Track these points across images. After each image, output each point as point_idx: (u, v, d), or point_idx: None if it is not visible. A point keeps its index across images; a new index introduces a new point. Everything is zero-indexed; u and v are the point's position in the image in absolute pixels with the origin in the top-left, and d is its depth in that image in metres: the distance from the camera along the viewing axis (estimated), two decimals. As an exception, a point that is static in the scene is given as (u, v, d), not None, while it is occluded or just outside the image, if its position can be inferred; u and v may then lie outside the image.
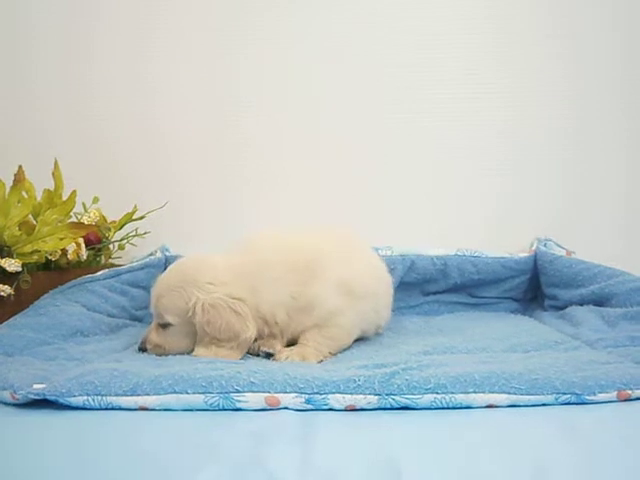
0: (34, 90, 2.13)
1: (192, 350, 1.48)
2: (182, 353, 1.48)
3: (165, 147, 2.12)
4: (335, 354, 1.51)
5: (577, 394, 1.13)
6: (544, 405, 1.14)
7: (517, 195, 2.11)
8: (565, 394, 1.13)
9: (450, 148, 2.10)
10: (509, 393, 1.14)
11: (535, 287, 2.04)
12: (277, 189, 2.10)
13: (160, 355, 1.47)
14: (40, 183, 1.77)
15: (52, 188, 1.78)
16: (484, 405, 1.14)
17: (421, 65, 2.09)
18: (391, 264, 1.95)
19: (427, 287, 2.04)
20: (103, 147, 2.12)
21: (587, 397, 1.13)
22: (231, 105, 2.12)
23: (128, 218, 1.94)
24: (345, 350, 1.51)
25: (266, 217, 2.00)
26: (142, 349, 1.51)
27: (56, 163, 1.79)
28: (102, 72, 2.13)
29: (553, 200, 2.11)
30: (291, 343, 1.53)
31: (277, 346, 1.50)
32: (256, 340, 1.49)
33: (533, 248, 2.02)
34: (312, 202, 2.11)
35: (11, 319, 1.57)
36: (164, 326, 1.50)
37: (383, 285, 1.70)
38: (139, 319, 1.84)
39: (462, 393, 1.14)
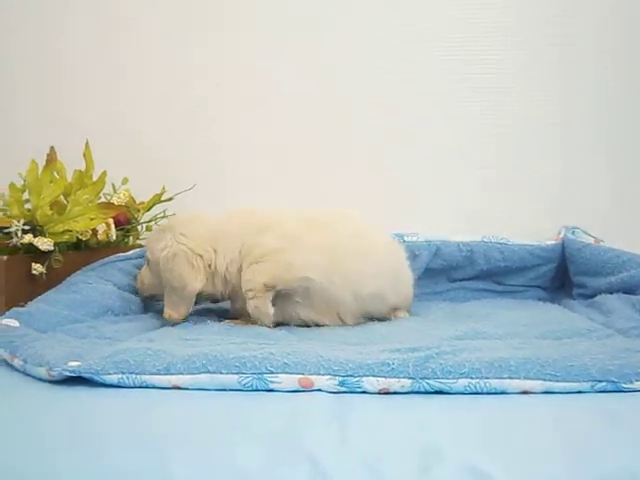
0: (66, 71, 2.14)
1: (161, 295, 1.62)
2: (155, 296, 1.69)
3: (195, 129, 2.13)
4: (276, 288, 1.56)
5: (614, 382, 1.12)
6: (579, 392, 1.13)
7: (545, 181, 2.10)
8: (601, 382, 1.12)
9: (477, 133, 2.10)
10: (544, 380, 1.13)
11: (562, 275, 2.02)
12: (310, 176, 2.10)
13: (144, 296, 1.71)
14: (71, 164, 1.77)
15: (83, 169, 1.78)
16: (518, 391, 1.13)
17: (452, 47, 2.08)
18: (416, 250, 1.97)
19: (453, 274, 2.03)
20: (133, 129, 2.13)
21: (624, 385, 1.12)
22: (267, 93, 2.12)
23: (157, 199, 1.95)
24: (375, 333, 1.50)
25: (295, 201, 1.99)
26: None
27: (87, 144, 1.79)
28: (133, 55, 2.13)
29: (581, 187, 2.10)
30: None
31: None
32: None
33: (560, 236, 2.01)
34: (337, 188, 2.11)
35: (44, 294, 1.58)
36: (148, 261, 1.67)
37: (374, 263, 1.66)
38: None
39: (497, 378, 1.13)
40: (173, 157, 2.12)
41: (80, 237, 1.73)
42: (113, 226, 1.82)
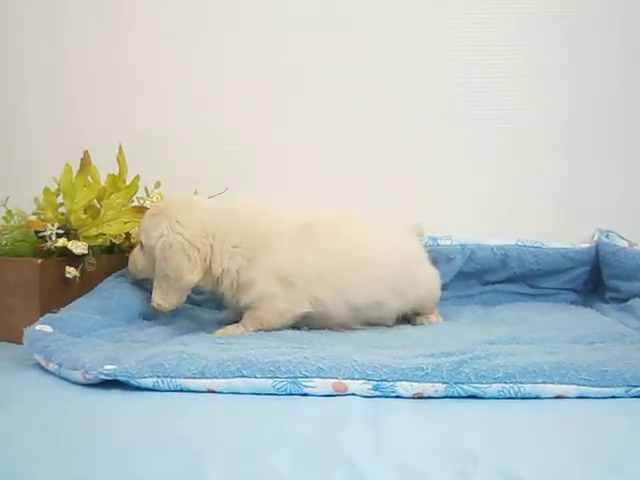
0: (99, 77, 2.15)
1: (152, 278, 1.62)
2: (146, 278, 1.66)
3: (225, 133, 2.13)
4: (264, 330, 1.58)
5: (648, 387, 1.12)
6: (613, 397, 1.13)
7: (578, 185, 2.09)
8: (636, 387, 1.12)
9: (510, 136, 2.08)
10: (579, 384, 1.13)
11: (595, 279, 2.01)
12: (340, 181, 2.10)
13: (136, 279, 1.69)
14: (104, 167, 1.79)
15: (116, 172, 1.80)
16: (552, 396, 1.14)
17: (478, 44, 2.07)
18: (450, 254, 1.96)
19: (485, 277, 2.02)
20: (166, 132, 2.14)
21: (659, 390, 1.12)
22: (293, 94, 2.13)
23: (189, 203, 1.95)
24: (408, 338, 1.50)
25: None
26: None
27: (120, 148, 1.80)
28: (169, 60, 2.14)
29: (615, 191, 2.08)
30: None
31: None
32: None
33: (594, 239, 2.00)
34: (368, 191, 2.10)
35: (76, 301, 1.59)
36: (142, 244, 1.65)
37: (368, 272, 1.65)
38: (198, 303, 1.86)
39: (531, 383, 1.13)
40: (205, 161, 2.13)
41: (114, 241, 1.73)
42: (146, 230, 1.83)
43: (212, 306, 1.84)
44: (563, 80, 2.09)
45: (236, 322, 1.62)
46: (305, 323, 1.63)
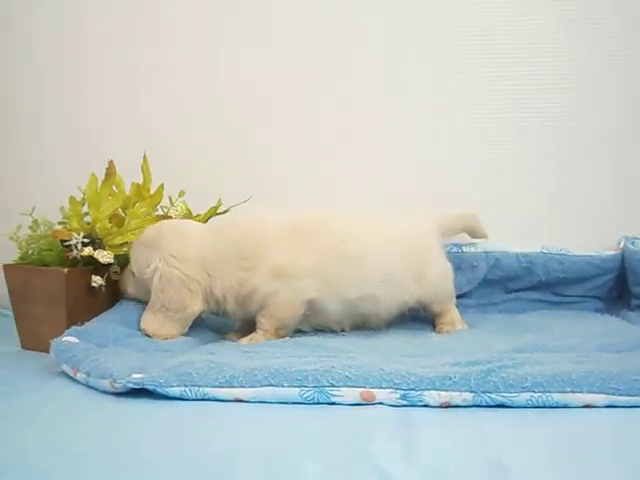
0: (126, 87, 2.16)
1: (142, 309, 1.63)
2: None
3: (250, 142, 2.13)
4: (285, 332, 1.61)
5: (678, 396, 1.11)
6: (643, 406, 1.12)
7: (602, 192, 2.07)
8: (666, 396, 1.12)
9: (536, 143, 2.07)
10: (607, 393, 1.13)
11: (620, 286, 1.99)
12: (364, 188, 2.09)
13: (124, 294, 1.69)
14: (129, 176, 1.79)
15: (140, 181, 1.80)
16: (581, 405, 1.13)
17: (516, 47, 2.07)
18: (474, 261, 1.95)
19: (510, 284, 2.00)
20: (191, 141, 2.14)
21: (688, 399, 1.11)
22: (313, 101, 2.13)
23: (213, 212, 1.95)
24: (434, 346, 1.50)
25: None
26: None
27: (145, 157, 1.81)
28: (194, 71, 2.15)
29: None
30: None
31: (236, 337, 1.64)
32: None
33: (620, 246, 1.98)
34: (396, 196, 2.09)
35: (100, 316, 1.61)
36: (132, 273, 1.66)
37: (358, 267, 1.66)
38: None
39: (559, 392, 1.13)
40: (229, 170, 2.12)
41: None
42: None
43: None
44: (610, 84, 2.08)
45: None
46: (306, 323, 1.65)
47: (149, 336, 1.57)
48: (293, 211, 1.68)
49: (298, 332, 1.65)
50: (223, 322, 1.76)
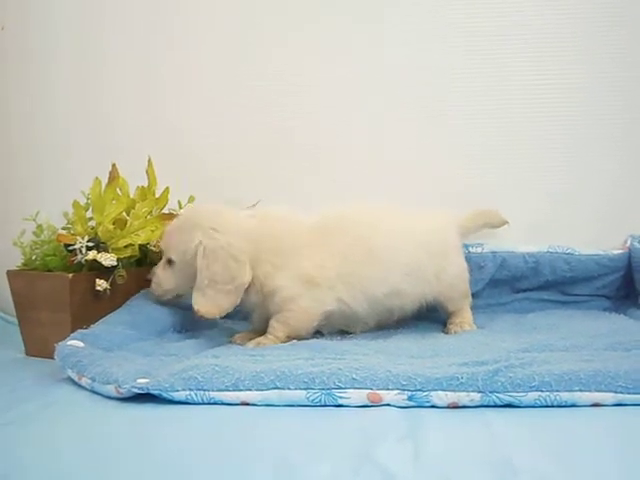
0: (131, 91, 2.16)
1: (189, 293, 1.60)
2: (180, 295, 1.66)
3: (259, 147, 2.12)
4: (295, 338, 1.58)
5: (687, 394, 1.10)
6: (650, 405, 1.12)
7: (608, 191, 2.06)
8: (675, 394, 1.11)
9: (544, 142, 2.06)
10: (616, 392, 1.13)
11: (628, 284, 1.98)
12: (386, 185, 2.08)
13: (163, 300, 1.66)
14: (135, 181, 1.79)
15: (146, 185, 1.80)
16: (589, 404, 1.13)
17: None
18: (481, 262, 1.95)
19: (517, 284, 2.00)
20: (199, 146, 2.13)
21: (698, 397, 1.10)
22: (320, 106, 2.12)
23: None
24: (441, 346, 1.49)
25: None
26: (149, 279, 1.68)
27: (149, 160, 1.80)
28: (198, 75, 2.14)
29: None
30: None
31: (243, 340, 1.62)
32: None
33: (627, 245, 1.97)
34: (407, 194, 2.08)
35: (106, 317, 1.60)
36: (170, 262, 1.63)
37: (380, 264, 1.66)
38: (229, 315, 1.85)
39: (567, 391, 1.13)
40: (237, 174, 2.11)
41: (152, 248, 1.74)
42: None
43: (243, 317, 1.82)
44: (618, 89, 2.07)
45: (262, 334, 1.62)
46: (331, 324, 1.65)
47: (202, 317, 1.56)
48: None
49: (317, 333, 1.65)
50: (229, 326, 1.76)
